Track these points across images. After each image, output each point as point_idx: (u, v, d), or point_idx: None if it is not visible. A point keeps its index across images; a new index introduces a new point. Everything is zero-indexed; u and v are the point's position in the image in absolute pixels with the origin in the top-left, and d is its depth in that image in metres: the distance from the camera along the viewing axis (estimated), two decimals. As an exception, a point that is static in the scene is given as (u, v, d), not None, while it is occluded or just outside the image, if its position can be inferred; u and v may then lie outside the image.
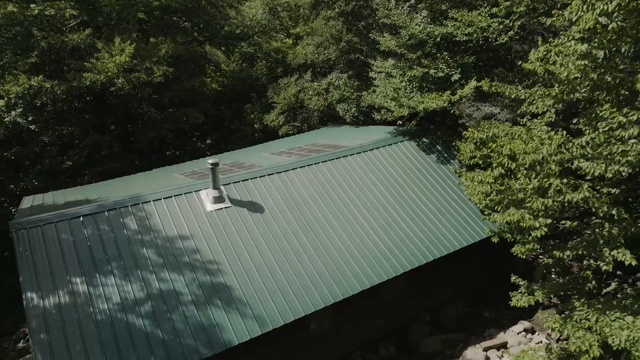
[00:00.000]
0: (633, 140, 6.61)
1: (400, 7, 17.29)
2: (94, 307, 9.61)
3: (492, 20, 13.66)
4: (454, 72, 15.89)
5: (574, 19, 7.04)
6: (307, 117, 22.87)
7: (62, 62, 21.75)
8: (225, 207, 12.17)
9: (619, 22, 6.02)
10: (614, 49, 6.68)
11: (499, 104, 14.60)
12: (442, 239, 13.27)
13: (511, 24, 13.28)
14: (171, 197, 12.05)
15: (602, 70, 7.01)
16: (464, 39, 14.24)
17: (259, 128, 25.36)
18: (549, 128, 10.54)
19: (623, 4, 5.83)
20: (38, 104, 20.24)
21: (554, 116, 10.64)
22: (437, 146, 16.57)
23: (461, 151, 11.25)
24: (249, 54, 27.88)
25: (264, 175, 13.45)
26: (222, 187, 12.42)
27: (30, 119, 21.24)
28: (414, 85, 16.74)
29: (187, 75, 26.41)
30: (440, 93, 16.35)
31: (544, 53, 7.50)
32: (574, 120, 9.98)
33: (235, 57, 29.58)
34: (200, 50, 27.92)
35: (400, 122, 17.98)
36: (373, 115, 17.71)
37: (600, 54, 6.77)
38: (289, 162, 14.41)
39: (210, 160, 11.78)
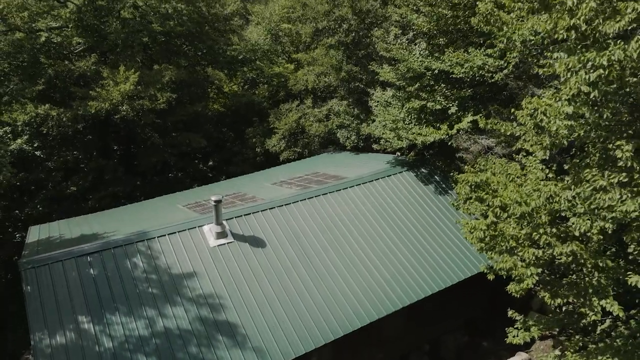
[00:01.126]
0: (618, 196, 6.92)
1: (399, 40, 17.76)
2: (100, 345, 9.86)
3: (487, 59, 14.08)
4: (451, 105, 16.30)
5: (561, 79, 7.41)
6: (308, 142, 23.26)
7: (68, 89, 22.20)
8: (227, 243, 12.46)
9: (601, 89, 6.36)
10: (596, 114, 7.03)
11: (496, 137, 14.96)
12: (440, 273, 13.53)
13: (505, 64, 13.70)
14: (175, 233, 12.36)
15: (588, 127, 7.37)
16: (461, 75, 14.64)
17: (260, 152, 25.73)
18: (543, 167, 10.89)
19: (603, 75, 6.19)
20: (44, 132, 20.63)
21: (547, 156, 10.98)
22: (436, 176, 16.91)
23: (457, 192, 11.59)
24: (251, 78, 28.37)
25: (266, 209, 13.76)
26: (224, 222, 12.72)
27: (35, 145, 21.69)
28: (413, 117, 17.13)
29: (190, 99, 26.88)
30: (438, 125, 16.76)
31: (532, 111, 7.86)
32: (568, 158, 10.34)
33: (238, 80, 30.10)
34: (202, 73, 28.44)
35: (399, 153, 18.33)
36: (373, 147, 18.08)
37: (587, 114, 7.11)
38: (289, 194, 14.74)
39: (214, 197, 12.10)
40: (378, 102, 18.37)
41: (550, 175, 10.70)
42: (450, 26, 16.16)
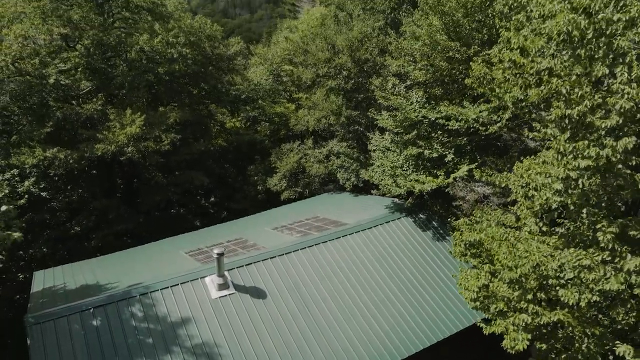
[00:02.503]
0: (602, 274, 7.22)
1: (396, 88, 18.35)
2: (102, 402, 10.01)
3: (480, 113, 14.57)
4: (447, 152, 16.76)
5: (552, 157, 7.82)
6: (309, 182, 23.66)
7: (75, 131, 22.77)
8: (229, 294, 12.70)
9: (588, 179, 6.76)
10: (584, 198, 7.41)
11: (492, 185, 15.33)
12: (438, 323, 13.67)
13: (499, 119, 14.18)
14: (178, 284, 12.61)
15: (580, 203, 7.71)
16: (456, 127, 15.13)
17: (262, 190, 26.13)
18: (537, 220, 11.19)
19: (593, 165, 6.58)
20: (51, 174, 21.08)
21: (538, 221, 11.29)
22: (434, 222, 17.21)
23: (453, 247, 11.90)
24: (253, 117, 29.03)
25: (267, 259, 14.03)
26: (226, 274, 12.98)
27: (42, 185, 22.13)
28: (411, 163, 17.56)
29: (194, 138, 27.46)
30: (435, 171, 17.18)
31: (524, 184, 8.24)
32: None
33: (240, 117, 30.77)
34: (206, 111, 29.11)
35: (397, 199, 18.67)
36: (372, 192, 18.44)
37: (576, 192, 7.47)
38: (290, 242, 15.03)
39: (217, 250, 12.39)
40: (377, 147, 18.83)
41: (545, 228, 11.00)
42: (446, 77, 16.76)
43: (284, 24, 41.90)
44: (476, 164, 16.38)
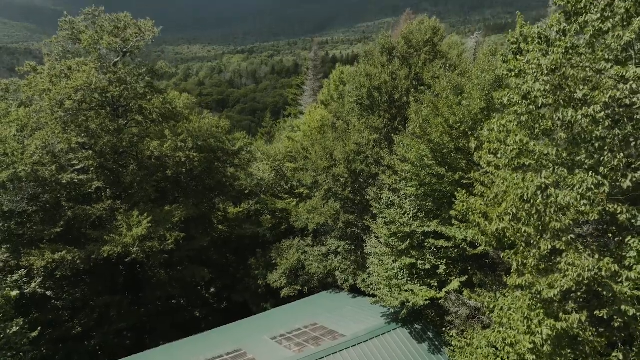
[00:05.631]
0: None
1: (390, 198, 19.44)
2: None
3: (468, 233, 15.49)
4: (440, 263, 17.52)
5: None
6: (308, 280, 24.20)
7: (84, 230, 23.71)
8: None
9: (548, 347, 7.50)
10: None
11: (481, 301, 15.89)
12: None
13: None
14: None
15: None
16: (446, 245, 16.00)
17: (262, 284, 26.57)
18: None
19: (553, 335, 7.36)
20: (58, 276, 21.75)
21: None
22: (429, 333, 17.56)
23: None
24: (256, 210, 30.14)
25: (264, 379, 14.32)
26: (224, 398, 13.25)
27: (47, 285, 22.70)
28: (405, 272, 18.24)
29: (197, 231, 28.35)
30: (429, 280, 17.83)
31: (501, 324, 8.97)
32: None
33: (243, 208, 31.86)
34: (210, 203, 30.24)
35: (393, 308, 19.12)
36: (368, 301, 18.93)
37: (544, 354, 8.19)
38: (289, 357, 15.36)
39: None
40: (372, 253, 19.60)
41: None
42: (437, 193, 17.90)
43: (287, 123, 44.53)
44: (466, 277, 17.07)
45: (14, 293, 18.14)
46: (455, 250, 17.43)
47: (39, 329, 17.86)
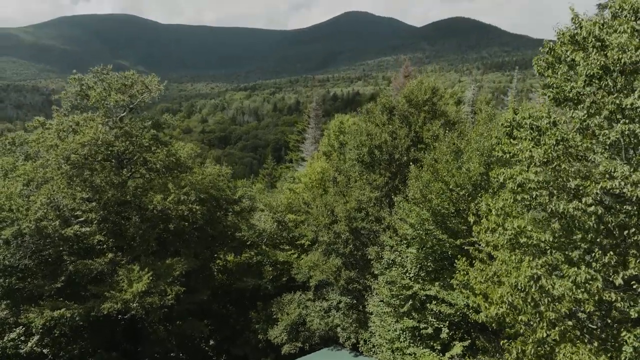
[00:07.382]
0: None
1: (391, 259, 19.50)
2: None
3: (469, 299, 15.50)
4: (442, 326, 17.41)
5: None
6: (309, 336, 23.89)
7: (85, 285, 23.63)
8: None
9: None
10: None
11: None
12: None
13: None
14: None
15: None
16: (447, 312, 15.98)
17: (263, 339, 26.20)
18: None
19: None
20: (56, 334, 21.53)
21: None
22: (432, 399, 17.20)
23: None
24: (257, 261, 30.11)
25: None
26: None
27: (44, 342, 22.43)
28: (407, 334, 18.09)
29: (197, 282, 28.19)
30: (432, 343, 17.67)
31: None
32: None
33: (244, 259, 31.82)
34: (210, 255, 30.21)
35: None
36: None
37: None
38: None
39: None
40: (373, 312, 19.49)
41: None
42: (438, 254, 18.00)
43: (289, 172, 45.10)
44: (469, 341, 16.94)
45: None
46: (458, 314, 17.37)
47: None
